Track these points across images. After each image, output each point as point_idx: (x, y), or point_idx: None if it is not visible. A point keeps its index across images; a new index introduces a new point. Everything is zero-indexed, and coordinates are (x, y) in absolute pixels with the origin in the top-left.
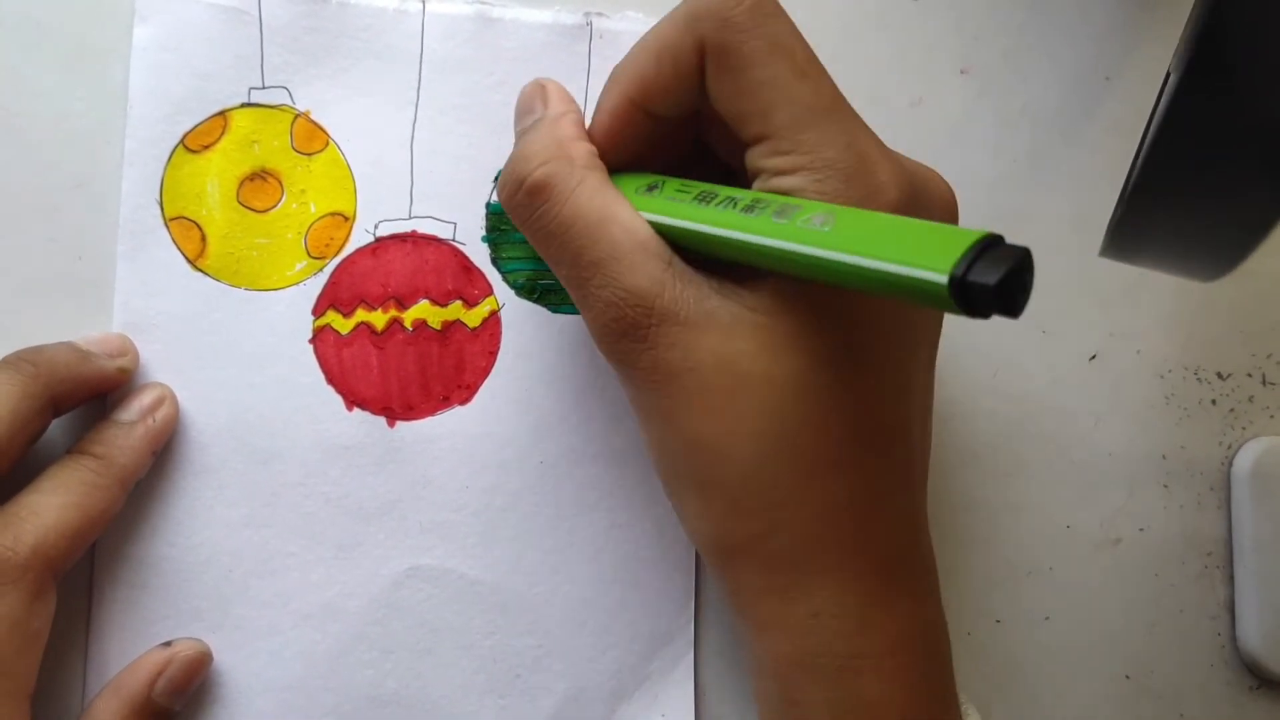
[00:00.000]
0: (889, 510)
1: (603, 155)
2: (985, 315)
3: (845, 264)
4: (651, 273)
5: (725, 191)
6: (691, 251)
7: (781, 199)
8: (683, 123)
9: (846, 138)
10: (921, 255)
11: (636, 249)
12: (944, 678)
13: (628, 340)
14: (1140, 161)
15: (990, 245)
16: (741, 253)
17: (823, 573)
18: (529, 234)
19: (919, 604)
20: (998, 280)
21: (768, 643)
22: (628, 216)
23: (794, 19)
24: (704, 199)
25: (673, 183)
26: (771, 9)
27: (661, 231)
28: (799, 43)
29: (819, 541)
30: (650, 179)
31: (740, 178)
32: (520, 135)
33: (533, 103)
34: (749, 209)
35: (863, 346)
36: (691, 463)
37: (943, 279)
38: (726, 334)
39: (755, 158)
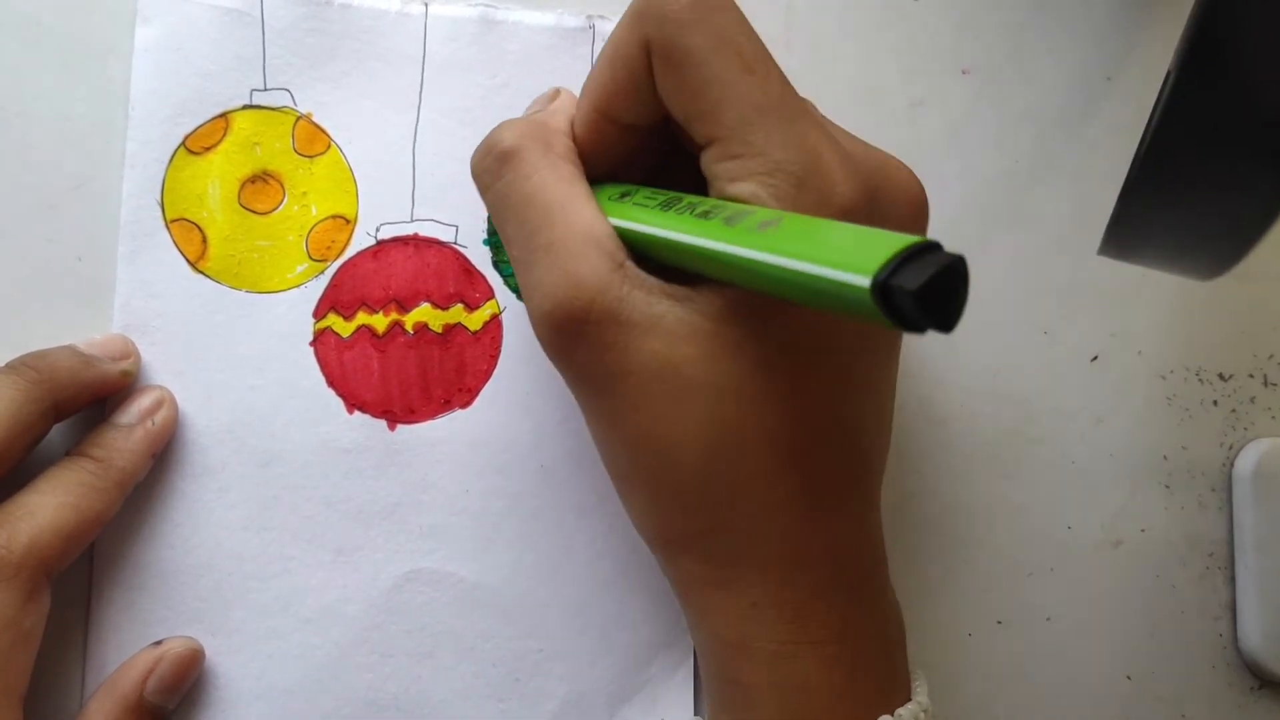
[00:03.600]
0: (834, 506)
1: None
2: (916, 328)
3: (774, 267)
4: (598, 269)
5: (688, 199)
6: (655, 260)
7: (735, 205)
8: (657, 131)
9: (797, 137)
10: (849, 259)
11: (589, 243)
12: (890, 661)
13: (564, 335)
14: (1138, 158)
15: (923, 251)
16: (690, 258)
17: (763, 567)
18: (489, 202)
19: (863, 595)
20: (919, 285)
21: (709, 628)
22: (588, 211)
23: (797, 19)
24: (666, 205)
25: (643, 191)
26: (716, 1)
27: (626, 238)
28: (747, 37)
29: (761, 537)
30: (624, 188)
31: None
32: None
33: (539, 100)
34: (705, 215)
35: (809, 350)
36: (635, 463)
37: (865, 282)
38: (671, 339)
39: (708, 162)
